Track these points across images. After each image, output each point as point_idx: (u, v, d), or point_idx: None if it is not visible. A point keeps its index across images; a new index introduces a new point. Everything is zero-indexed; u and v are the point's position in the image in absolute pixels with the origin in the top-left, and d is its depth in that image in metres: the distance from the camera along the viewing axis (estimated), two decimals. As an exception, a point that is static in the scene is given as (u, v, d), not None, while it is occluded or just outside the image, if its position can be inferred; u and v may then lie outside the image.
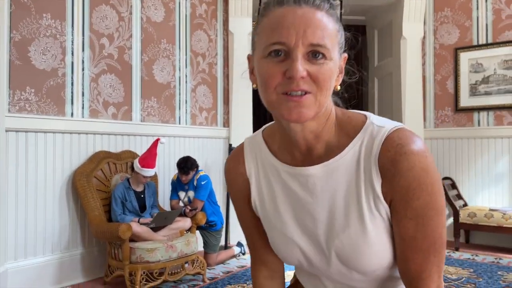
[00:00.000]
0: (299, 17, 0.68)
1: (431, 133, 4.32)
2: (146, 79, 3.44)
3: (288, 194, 0.83)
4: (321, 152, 0.79)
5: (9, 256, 2.57)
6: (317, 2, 0.70)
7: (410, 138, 0.72)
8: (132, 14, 3.33)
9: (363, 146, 0.75)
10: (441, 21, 4.32)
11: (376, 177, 0.73)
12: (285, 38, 0.68)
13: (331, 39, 0.70)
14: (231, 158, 0.93)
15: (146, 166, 2.89)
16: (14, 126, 2.58)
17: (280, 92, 0.69)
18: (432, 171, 0.72)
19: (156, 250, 2.64)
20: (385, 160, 0.72)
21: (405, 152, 0.70)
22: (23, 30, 2.67)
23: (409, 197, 0.71)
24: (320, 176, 0.78)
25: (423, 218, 0.72)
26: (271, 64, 0.69)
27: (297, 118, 0.70)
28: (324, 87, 0.69)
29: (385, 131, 0.74)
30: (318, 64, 0.69)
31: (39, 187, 2.73)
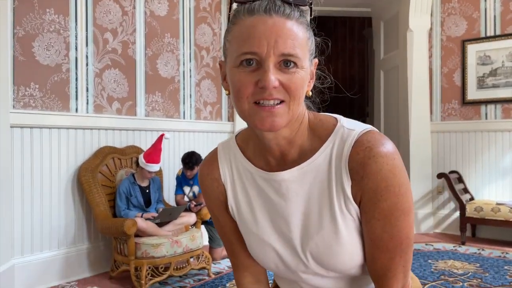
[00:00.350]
0: (270, 27, 0.68)
1: (438, 126, 4.28)
2: (150, 73, 3.43)
3: (263, 199, 0.84)
4: (295, 157, 0.80)
5: (16, 251, 2.59)
6: (287, 11, 0.70)
7: (379, 140, 0.74)
8: (136, 8, 3.31)
9: (334, 149, 0.77)
10: (448, 12, 4.26)
11: (346, 179, 0.75)
12: (257, 48, 0.68)
13: (302, 47, 0.70)
14: (204, 163, 0.93)
15: (151, 161, 2.89)
16: (19, 122, 2.58)
17: (252, 102, 0.70)
18: (399, 173, 0.73)
19: (161, 245, 2.64)
20: (354, 163, 0.74)
21: (374, 155, 0.72)
22: (27, 25, 2.66)
23: (377, 199, 0.73)
24: (293, 180, 0.79)
25: (390, 219, 0.74)
26: (243, 74, 0.70)
27: (270, 127, 0.71)
28: (296, 96, 0.70)
29: (355, 134, 0.75)
30: (290, 73, 0.69)
31: (44, 183, 2.74)
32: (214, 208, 0.93)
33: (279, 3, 0.70)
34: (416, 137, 4.24)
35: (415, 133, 4.24)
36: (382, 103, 5.01)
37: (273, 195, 0.82)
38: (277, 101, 0.70)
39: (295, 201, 0.80)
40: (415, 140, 4.25)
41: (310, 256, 0.81)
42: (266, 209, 0.85)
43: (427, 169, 4.26)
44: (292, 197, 0.80)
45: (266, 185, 0.83)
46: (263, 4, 0.70)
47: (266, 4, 0.70)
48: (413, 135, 4.24)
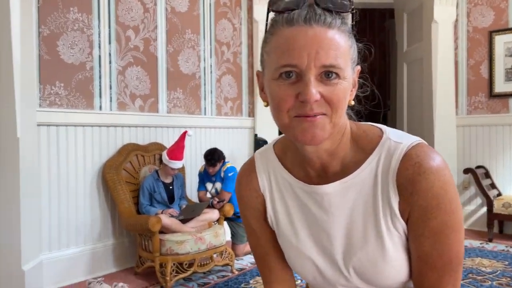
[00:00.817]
0: (311, 38, 0.64)
1: (464, 120, 4.17)
2: (172, 70, 3.44)
3: (303, 211, 0.82)
4: (337, 169, 0.77)
5: (44, 247, 2.64)
6: (328, 20, 0.66)
7: (429, 155, 0.71)
8: (157, 5, 3.31)
9: (380, 163, 0.73)
10: (474, 3, 4.13)
11: (393, 194, 0.72)
12: (297, 60, 0.65)
13: (344, 57, 0.67)
14: (242, 173, 0.90)
15: (174, 158, 2.90)
16: (45, 121, 2.62)
17: (293, 115, 0.67)
18: (450, 189, 0.70)
19: (185, 242, 2.66)
20: (403, 179, 0.71)
21: (424, 171, 0.69)
22: (51, 24, 2.69)
23: (427, 217, 0.70)
24: (336, 194, 0.76)
25: (439, 237, 0.71)
26: (282, 87, 0.67)
27: (311, 140, 0.68)
28: (338, 108, 0.67)
29: (403, 147, 0.72)
30: (332, 84, 0.66)
31: (70, 180, 2.78)
32: (252, 219, 0.90)
33: (320, 11, 0.66)
34: (441, 131, 4.15)
35: (440, 127, 4.14)
36: (405, 96, 4.91)
37: (314, 208, 0.79)
38: (318, 114, 0.67)
39: (338, 215, 0.78)
40: (440, 134, 4.15)
41: (353, 271, 0.78)
42: (306, 222, 0.82)
43: (452, 164, 4.16)
44: (335, 211, 0.78)
45: (307, 197, 0.80)
46: (302, 13, 0.66)
47: (306, 13, 0.66)
48: (438, 129, 4.14)
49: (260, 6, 4.06)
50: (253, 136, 4.07)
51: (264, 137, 3.95)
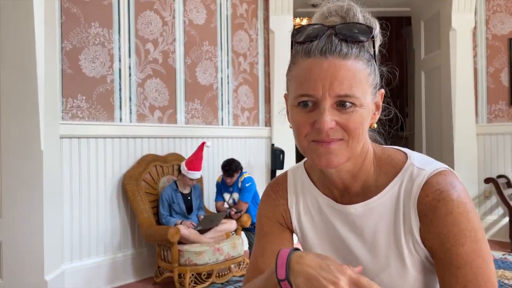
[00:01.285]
0: (325, 70, 0.67)
1: (484, 128, 4.11)
2: (190, 81, 3.48)
3: (328, 227, 0.83)
4: (358, 190, 0.79)
5: (66, 257, 2.70)
6: (344, 50, 0.68)
7: (450, 184, 0.71)
8: (175, 18, 3.37)
9: (402, 188, 0.75)
10: (493, 10, 4.08)
11: (415, 221, 0.73)
12: (312, 91, 0.68)
13: (361, 85, 0.69)
14: (277, 180, 0.92)
15: (193, 169, 2.93)
16: (67, 133, 2.69)
17: (311, 140, 0.71)
18: (472, 218, 0.70)
19: (204, 253, 2.68)
20: (423, 206, 0.71)
21: (444, 198, 0.70)
22: (74, 39, 2.76)
23: (451, 244, 0.69)
24: (359, 215, 0.78)
25: (471, 267, 0.68)
26: (300, 114, 0.71)
27: (326, 165, 0.71)
28: (355, 134, 0.69)
29: (425, 175, 0.73)
30: (348, 113, 0.68)
31: (91, 191, 2.83)
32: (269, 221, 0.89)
33: (336, 42, 0.68)
34: (460, 140, 4.09)
35: (459, 135, 4.09)
36: (423, 104, 4.86)
37: (339, 225, 0.81)
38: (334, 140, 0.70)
39: (361, 235, 0.79)
40: (460, 143, 4.09)
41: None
42: (331, 238, 0.83)
43: (473, 174, 4.09)
44: (358, 231, 0.79)
45: (333, 214, 0.82)
46: (319, 45, 0.69)
47: (323, 45, 0.68)
48: (457, 137, 4.09)
49: (276, 17, 4.09)
50: (270, 145, 4.08)
51: (281, 147, 3.96)
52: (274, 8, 4.07)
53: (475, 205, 4.12)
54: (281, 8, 4.06)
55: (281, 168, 3.88)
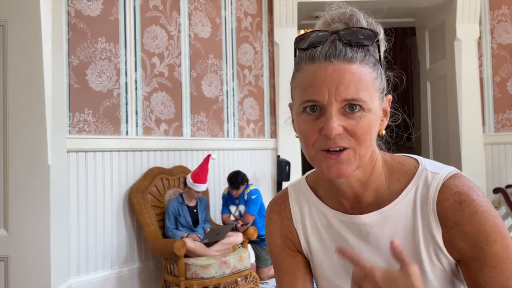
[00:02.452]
0: (330, 74, 0.66)
1: (491, 138, 4.08)
2: (195, 94, 3.50)
3: (338, 242, 0.80)
4: (370, 200, 0.76)
5: (72, 271, 2.69)
6: (349, 55, 0.67)
7: (467, 185, 0.71)
8: (181, 32, 3.41)
9: (418, 193, 0.73)
10: (498, 19, 4.08)
11: (435, 226, 0.71)
12: (318, 96, 0.67)
13: (368, 89, 0.67)
14: (274, 201, 0.90)
15: (199, 181, 2.93)
16: (74, 147, 2.70)
17: (319, 149, 0.69)
18: (497, 215, 0.69)
19: (210, 266, 2.66)
20: (445, 210, 0.70)
21: (465, 199, 0.69)
22: (81, 54, 2.80)
23: (484, 243, 0.67)
24: (374, 224, 0.76)
25: (507, 264, 0.67)
26: (307, 122, 0.69)
27: (337, 175, 0.69)
28: (363, 141, 0.68)
29: (440, 178, 0.72)
30: (355, 118, 0.67)
31: (98, 204, 2.84)
32: (279, 249, 0.88)
33: (341, 46, 0.68)
34: (468, 150, 4.06)
35: (466, 145, 4.06)
36: (429, 114, 4.85)
37: (351, 238, 0.78)
38: (342, 147, 0.67)
39: (376, 246, 0.76)
40: (467, 153, 4.06)
41: None
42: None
43: (481, 184, 4.05)
44: (373, 241, 0.76)
45: (344, 228, 0.79)
46: (323, 50, 0.68)
47: (327, 50, 0.68)
48: (464, 147, 4.06)
49: (280, 29, 4.12)
50: (276, 157, 4.07)
51: (287, 158, 3.95)
52: (279, 20, 4.11)
53: (485, 216, 4.06)
54: (285, 21, 4.10)
55: (287, 179, 3.87)
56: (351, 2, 0.77)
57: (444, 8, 4.27)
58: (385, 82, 0.74)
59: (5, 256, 2.29)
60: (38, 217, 2.37)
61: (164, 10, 3.29)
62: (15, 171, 2.32)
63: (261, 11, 4.16)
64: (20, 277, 2.31)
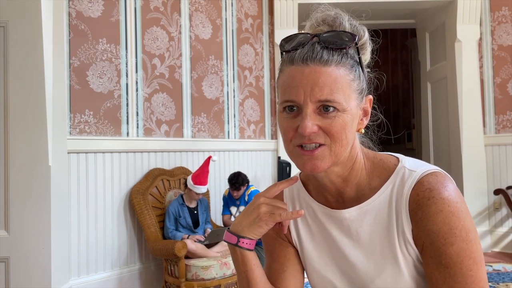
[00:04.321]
0: (306, 76, 0.70)
1: (492, 139, 4.07)
2: (196, 95, 3.51)
3: (325, 235, 0.84)
4: (352, 195, 0.80)
5: (73, 273, 2.69)
6: (325, 58, 0.71)
7: (441, 183, 0.72)
8: (181, 33, 3.41)
9: (394, 189, 0.76)
10: (498, 21, 4.08)
11: (406, 221, 0.73)
12: (294, 96, 0.71)
13: (343, 91, 0.71)
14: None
15: (199, 183, 2.93)
16: (75, 148, 2.70)
17: (295, 145, 0.73)
18: (464, 218, 0.70)
19: (211, 267, 2.66)
20: (414, 204, 0.72)
21: (433, 196, 0.71)
22: (81, 55, 2.80)
23: (441, 243, 0.69)
24: (353, 219, 0.79)
25: (460, 268, 0.68)
26: (286, 120, 0.74)
27: (311, 170, 0.73)
28: (338, 139, 0.71)
29: (416, 175, 0.74)
30: (330, 117, 0.71)
31: (99, 205, 2.84)
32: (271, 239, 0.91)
33: (318, 49, 0.71)
34: (468, 151, 4.06)
35: (467, 146, 4.06)
36: (430, 115, 4.85)
37: (335, 231, 0.82)
38: (317, 144, 0.71)
39: (356, 240, 0.79)
40: (468, 154, 4.06)
41: None
42: (328, 246, 0.84)
43: (482, 185, 4.05)
44: (354, 236, 0.80)
45: (328, 221, 0.83)
46: (302, 53, 0.72)
47: (305, 53, 0.71)
48: (465, 148, 4.06)
49: (281, 31, 4.12)
50: (277, 158, 4.07)
51: (288, 160, 3.95)
52: (279, 22, 4.11)
53: (485, 217, 4.06)
54: (286, 22, 4.10)
55: (288, 181, 3.86)
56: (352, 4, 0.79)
57: (444, 10, 4.27)
58: (365, 83, 0.77)
59: (6, 257, 2.29)
60: (39, 218, 2.37)
61: (164, 12, 3.30)
62: (16, 172, 2.32)
63: (262, 13, 4.17)
64: (20, 278, 2.31)
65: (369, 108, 0.79)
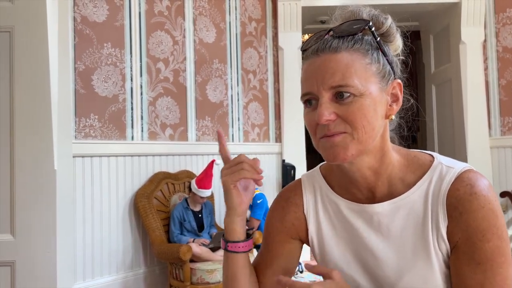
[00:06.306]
0: (317, 67, 0.71)
1: (497, 141, 4.05)
2: (200, 99, 3.51)
3: (349, 231, 0.81)
4: (384, 191, 0.77)
5: (78, 276, 2.69)
6: (334, 45, 0.71)
7: (481, 180, 0.71)
8: (186, 37, 3.42)
9: (431, 185, 0.74)
10: (503, 22, 4.07)
11: (442, 216, 0.72)
12: (309, 88, 0.72)
13: (358, 74, 0.69)
14: (287, 189, 0.91)
15: (203, 187, 2.93)
16: (80, 152, 2.71)
17: (319, 137, 0.73)
18: (501, 216, 0.70)
19: (215, 271, 2.65)
20: (454, 199, 0.71)
21: (475, 192, 0.70)
22: (86, 60, 2.81)
23: (478, 239, 0.68)
24: (386, 213, 0.76)
25: (492, 265, 0.68)
26: (308, 114, 0.74)
27: (334, 158, 0.71)
28: (358, 125, 0.69)
29: (455, 171, 0.73)
30: (346, 103, 0.69)
31: (104, 209, 2.84)
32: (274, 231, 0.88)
33: (328, 40, 0.72)
34: (474, 153, 4.03)
35: (472, 148, 4.03)
36: (434, 117, 4.83)
37: (362, 228, 0.79)
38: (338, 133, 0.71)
39: (386, 236, 0.77)
40: (473, 156, 4.03)
41: None
42: (353, 242, 0.81)
43: (487, 187, 4.02)
44: (384, 231, 0.77)
45: (355, 217, 0.80)
46: (314, 47, 0.73)
47: (316, 45, 0.73)
48: (470, 151, 4.03)
49: (284, 34, 4.13)
50: (281, 161, 4.07)
51: (292, 163, 3.95)
52: (283, 25, 4.11)
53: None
54: (290, 25, 4.10)
55: (293, 184, 3.86)
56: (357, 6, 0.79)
57: (448, 12, 4.26)
58: (389, 66, 0.75)
59: (11, 261, 2.30)
60: (44, 222, 2.37)
61: (169, 16, 3.31)
62: (21, 176, 2.33)
63: (266, 16, 4.18)
64: (26, 282, 2.31)
65: (399, 93, 0.76)
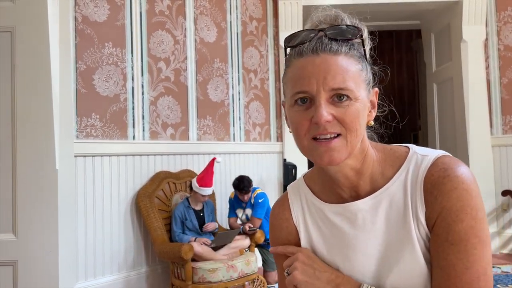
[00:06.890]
0: (318, 65, 0.71)
1: (499, 140, 4.05)
2: (201, 98, 3.51)
3: (337, 236, 0.82)
4: (367, 188, 0.79)
5: (80, 276, 2.70)
6: (334, 48, 0.72)
7: (455, 163, 0.73)
8: (187, 36, 3.42)
9: (409, 175, 0.75)
10: (504, 21, 4.06)
11: (420, 203, 0.73)
12: (307, 86, 0.71)
13: (354, 79, 0.71)
14: (276, 203, 0.93)
15: (204, 185, 2.93)
16: (82, 152, 2.72)
17: (310, 138, 0.72)
18: (476, 196, 0.70)
19: (217, 270, 2.66)
20: (429, 185, 0.72)
21: (449, 174, 0.71)
22: (88, 59, 2.82)
23: (452, 219, 0.69)
24: (368, 209, 0.77)
25: (465, 245, 0.68)
26: (298, 113, 0.73)
27: (328, 162, 0.72)
28: (352, 128, 0.71)
29: (430, 159, 0.74)
30: (343, 106, 0.70)
31: (105, 208, 2.85)
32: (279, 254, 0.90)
33: (326, 41, 0.72)
34: (475, 152, 4.03)
35: (474, 147, 4.03)
36: (436, 116, 4.82)
37: (348, 228, 0.80)
38: (333, 134, 0.71)
39: (372, 231, 0.77)
40: (475, 155, 4.03)
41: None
42: (340, 246, 0.81)
43: (489, 186, 4.02)
44: (369, 227, 0.78)
45: (340, 219, 0.81)
46: (311, 45, 0.72)
47: (314, 44, 0.72)
48: (472, 149, 4.03)
49: (285, 33, 4.12)
50: (282, 161, 4.07)
51: (293, 162, 3.95)
52: (284, 24, 4.11)
53: (493, 219, 4.03)
54: (291, 25, 4.10)
55: (294, 183, 3.86)
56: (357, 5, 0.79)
57: (449, 10, 4.26)
58: (371, 75, 0.77)
59: (14, 261, 2.31)
60: (46, 221, 2.38)
61: (170, 15, 3.31)
62: (23, 176, 2.33)
63: (266, 15, 4.18)
64: (28, 282, 2.32)
65: (375, 100, 0.79)
